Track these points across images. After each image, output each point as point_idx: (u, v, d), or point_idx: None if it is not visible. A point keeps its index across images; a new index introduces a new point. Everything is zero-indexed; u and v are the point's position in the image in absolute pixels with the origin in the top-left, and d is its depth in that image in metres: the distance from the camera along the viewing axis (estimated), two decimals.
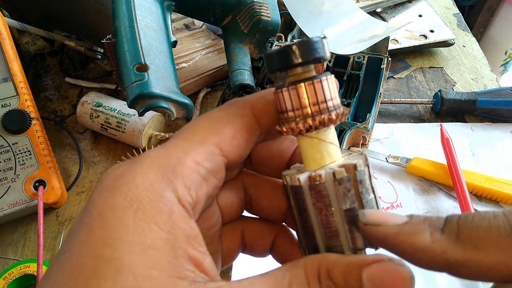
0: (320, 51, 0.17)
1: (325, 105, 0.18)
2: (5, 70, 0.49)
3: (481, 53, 0.70)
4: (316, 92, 0.17)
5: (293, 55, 0.17)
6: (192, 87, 0.63)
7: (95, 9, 0.56)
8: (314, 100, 0.17)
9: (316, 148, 0.18)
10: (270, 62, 0.18)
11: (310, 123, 0.17)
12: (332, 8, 0.60)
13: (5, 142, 0.48)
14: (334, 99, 0.18)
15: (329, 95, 0.18)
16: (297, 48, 0.17)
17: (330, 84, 0.18)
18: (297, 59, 0.17)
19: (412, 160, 0.51)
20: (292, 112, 0.18)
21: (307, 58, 0.17)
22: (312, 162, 0.18)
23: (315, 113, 0.17)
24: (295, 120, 0.18)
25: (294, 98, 0.18)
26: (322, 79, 0.17)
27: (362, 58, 0.53)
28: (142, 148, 0.53)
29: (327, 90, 0.18)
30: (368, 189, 0.18)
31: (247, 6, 0.50)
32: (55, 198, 0.47)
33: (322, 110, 0.18)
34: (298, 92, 0.17)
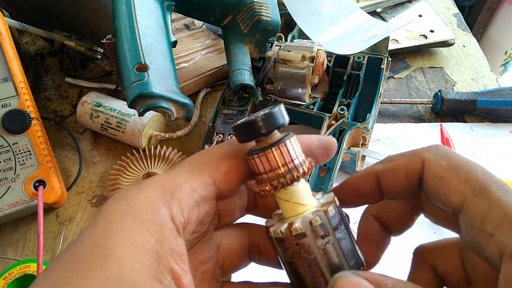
0: (280, 120, 0.20)
1: (292, 164, 0.20)
2: (5, 70, 0.49)
3: (481, 53, 0.70)
4: (283, 155, 0.20)
5: (258, 127, 0.20)
6: (192, 87, 0.63)
7: (95, 9, 0.56)
8: (282, 161, 0.20)
9: (290, 203, 0.21)
10: (240, 135, 0.20)
11: (282, 181, 0.20)
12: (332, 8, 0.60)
13: (5, 142, 0.48)
14: (299, 156, 0.21)
15: (294, 155, 0.20)
16: (260, 120, 0.19)
17: (294, 145, 0.21)
18: (262, 130, 0.20)
19: None
20: (265, 175, 0.20)
21: (270, 128, 0.20)
22: (290, 213, 0.21)
23: (285, 173, 0.20)
24: (269, 182, 0.20)
25: (264, 163, 0.20)
26: (286, 143, 0.20)
27: (362, 58, 0.53)
28: (142, 148, 0.53)
29: (292, 151, 0.20)
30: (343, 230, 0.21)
31: (247, 6, 0.50)
32: (55, 198, 0.47)
33: (290, 169, 0.20)
34: (268, 157, 0.20)
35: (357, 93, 0.52)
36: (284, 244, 0.20)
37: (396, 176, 0.21)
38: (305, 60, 0.48)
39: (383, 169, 0.21)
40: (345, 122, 0.49)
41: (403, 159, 0.21)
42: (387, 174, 0.21)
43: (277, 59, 0.49)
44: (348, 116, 0.49)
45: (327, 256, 0.20)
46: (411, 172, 0.20)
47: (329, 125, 0.49)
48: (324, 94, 0.54)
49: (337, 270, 0.20)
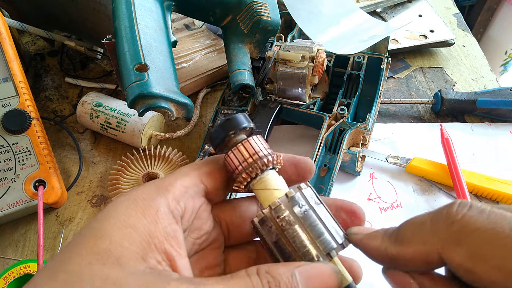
0: (242, 123, 0.24)
1: (258, 155, 0.23)
2: (5, 70, 0.49)
3: (481, 53, 0.70)
4: (248, 148, 0.24)
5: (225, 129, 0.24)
6: (192, 87, 0.63)
7: (95, 9, 0.56)
8: (248, 153, 0.23)
9: (266, 190, 0.24)
10: (213, 140, 0.24)
11: (255, 167, 0.23)
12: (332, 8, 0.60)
13: (5, 142, 0.48)
14: (267, 149, 0.24)
15: (259, 147, 0.24)
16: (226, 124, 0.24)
17: (258, 140, 0.24)
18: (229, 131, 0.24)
19: (412, 160, 0.51)
20: (237, 169, 0.23)
21: (235, 129, 0.24)
22: (267, 200, 0.23)
23: (252, 162, 0.23)
24: (242, 174, 0.23)
25: (235, 158, 0.24)
26: (249, 139, 0.24)
27: (362, 58, 0.53)
28: (142, 148, 0.53)
29: (256, 144, 0.24)
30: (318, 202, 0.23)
31: (247, 6, 0.50)
32: (55, 198, 0.47)
33: (256, 159, 0.23)
34: (237, 151, 0.24)
35: (357, 93, 0.52)
36: (267, 224, 0.23)
37: (412, 263, 0.20)
38: (305, 60, 0.48)
39: (397, 255, 0.21)
40: (345, 122, 0.49)
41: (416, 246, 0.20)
42: (402, 262, 0.21)
43: (277, 59, 0.49)
44: (348, 116, 0.49)
45: (308, 223, 0.22)
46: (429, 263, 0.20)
47: (329, 125, 0.49)
48: (324, 94, 0.54)
49: (320, 238, 0.22)
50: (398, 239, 0.21)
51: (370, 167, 0.53)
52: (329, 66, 0.54)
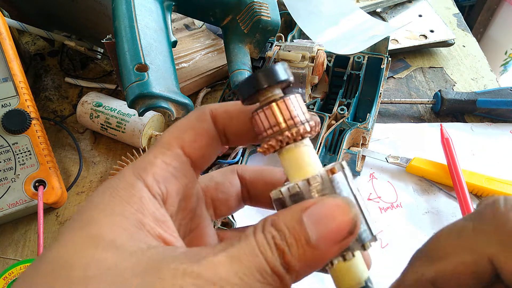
0: (281, 75, 0.20)
1: (298, 118, 0.20)
2: (5, 70, 0.49)
3: (481, 53, 0.70)
4: (288, 108, 0.20)
5: (260, 81, 0.20)
6: (192, 87, 0.63)
7: (95, 9, 0.56)
8: (287, 115, 0.20)
9: (295, 161, 0.20)
10: (242, 92, 0.20)
11: (287, 135, 0.19)
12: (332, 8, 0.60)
13: (5, 142, 0.48)
14: (305, 113, 0.20)
15: (299, 110, 0.20)
16: (262, 75, 0.20)
17: (299, 100, 0.20)
18: (264, 84, 0.20)
19: (412, 160, 0.51)
20: (270, 130, 0.20)
21: (271, 82, 0.20)
22: (294, 175, 0.20)
23: (290, 126, 0.19)
24: (274, 136, 0.20)
25: (269, 116, 0.20)
26: (290, 97, 0.20)
27: (362, 58, 0.53)
28: (142, 148, 0.53)
29: (297, 105, 0.20)
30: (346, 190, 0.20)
31: (247, 6, 0.50)
32: (55, 198, 0.47)
33: (296, 123, 0.20)
34: (272, 110, 0.20)
35: (357, 93, 0.52)
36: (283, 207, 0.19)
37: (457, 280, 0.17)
38: (305, 60, 0.48)
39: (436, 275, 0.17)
40: (345, 122, 0.49)
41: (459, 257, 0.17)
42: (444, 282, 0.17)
43: (277, 59, 0.49)
44: (348, 116, 0.49)
45: None
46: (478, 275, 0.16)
47: (329, 125, 0.49)
48: (324, 94, 0.54)
49: None
50: (433, 257, 0.17)
51: (370, 167, 0.53)
52: (329, 66, 0.54)
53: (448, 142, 0.50)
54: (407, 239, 0.46)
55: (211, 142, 0.21)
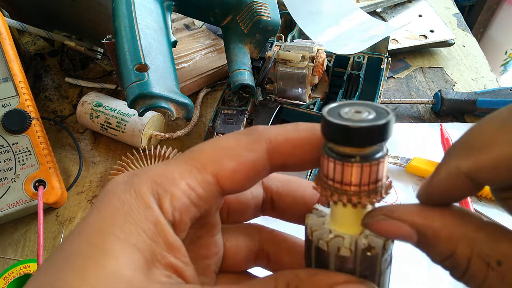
0: (389, 134, 0.16)
1: (374, 186, 0.17)
2: (5, 70, 0.49)
3: (481, 53, 0.70)
4: (370, 174, 0.16)
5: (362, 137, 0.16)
6: (192, 87, 0.63)
7: (95, 9, 0.56)
8: (366, 181, 0.17)
9: (350, 217, 0.18)
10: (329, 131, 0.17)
11: (355, 201, 0.17)
12: (332, 8, 0.60)
13: (5, 142, 0.48)
14: (384, 178, 0.17)
15: (381, 176, 0.17)
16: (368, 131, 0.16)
17: (385, 165, 0.17)
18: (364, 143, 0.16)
19: (412, 160, 0.51)
20: (338, 184, 0.17)
21: (375, 142, 0.16)
22: (341, 225, 0.18)
23: (362, 193, 0.17)
24: (339, 194, 0.17)
25: (345, 174, 0.17)
26: (380, 161, 0.16)
27: (362, 58, 0.53)
28: (142, 148, 0.53)
29: (381, 171, 0.17)
30: (388, 262, 0.19)
31: (247, 6, 0.50)
32: (55, 198, 0.48)
33: (370, 191, 0.17)
34: (352, 171, 0.16)
35: (357, 93, 0.52)
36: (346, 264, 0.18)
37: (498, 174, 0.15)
38: (305, 60, 0.48)
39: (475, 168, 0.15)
40: None
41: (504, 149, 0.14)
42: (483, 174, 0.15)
43: (277, 59, 0.49)
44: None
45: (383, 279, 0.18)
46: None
47: None
48: (324, 94, 0.54)
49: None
50: (471, 148, 0.15)
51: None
52: (329, 66, 0.54)
53: (448, 142, 0.50)
54: None
55: (255, 175, 0.18)
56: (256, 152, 0.18)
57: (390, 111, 0.16)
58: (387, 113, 0.16)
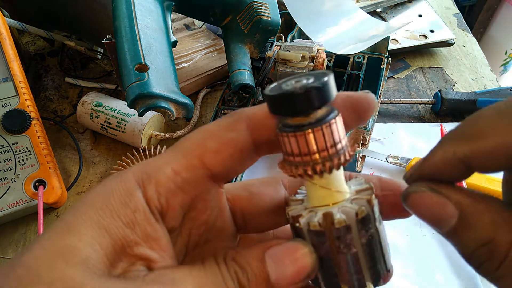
0: (330, 95, 0.16)
1: (334, 149, 0.17)
2: (5, 70, 0.49)
3: (481, 53, 0.70)
4: (325, 137, 0.16)
5: (301, 103, 0.16)
6: (192, 87, 0.63)
7: (95, 9, 0.56)
8: (322, 146, 0.16)
9: (325, 189, 0.18)
10: (273, 107, 0.17)
11: (320, 168, 0.17)
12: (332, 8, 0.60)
13: (5, 142, 0.48)
14: (343, 139, 0.17)
15: (338, 137, 0.17)
16: (305, 94, 0.16)
17: (339, 125, 0.17)
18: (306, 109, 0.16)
19: (412, 160, 0.51)
20: (299, 157, 0.17)
21: (316, 105, 0.16)
22: (316, 200, 0.18)
23: (324, 158, 0.17)
24: (303, 166, 0.17)
25: (301, 145, 0.17)
26: (331, 123, 0.16)
27: (362, 58, 0.53)
28: (142, 148, 0.53)
29: (336, 133, 0.17)
30: (381, 221, 0.19)
31: (247, 6, 0.50)
32: (55, 198, 0.48)
33: (331, 154, 0.17)
34: (306, 139, 0.16)
35: None
36: (320, 238, 0.17)
37: (492, 161, 0.16)
38: (305, 60, 0.48)
39: (471, 153, 0.16)
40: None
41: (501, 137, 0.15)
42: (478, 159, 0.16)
43: (277, 59, 0.49)
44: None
45: (368, 250, 0.18)
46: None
47: None
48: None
49: (372, 267, 0.18)
50: (469, 135, 0.16)
51: (370, 167, 0.53)
52: (329, 66, 0.54)
53: None
54: (407, 239, 0.46)
55: (238, 154, 0.18)
56: (237, 131, 0.18)
57: (328, 73, 0.16)
58: (325, 75, 0.16)
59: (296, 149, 0.17)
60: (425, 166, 0.18)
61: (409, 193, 0.17)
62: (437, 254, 0.44)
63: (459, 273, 0.42)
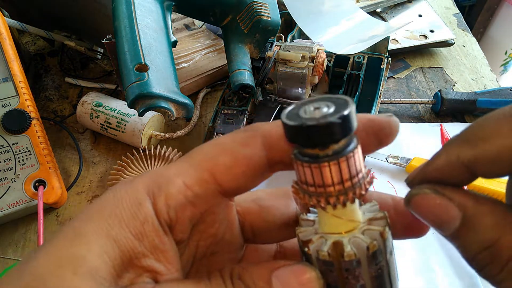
0: (351, 128, 0.15)
1: (350, 182, 0.16)
2: (5, 70, 0.49)
3: (481, 53, 0.70)
4: (341, 171, 0.16)
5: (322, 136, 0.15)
6: (192, 87, 0.63)
7: (95, 9, 0.56)
8: (338, 179, 0.16)
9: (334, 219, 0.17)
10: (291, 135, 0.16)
11: (333, 201, 0.16)
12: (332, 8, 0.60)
13: (5, 142, 0.48)
14: (360, 172, 0.16)
15: (354, 170, 0.16)
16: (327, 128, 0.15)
17: (357, 158, 0.16)
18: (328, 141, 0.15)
19: (412, 160, 0.51)
20: (313, 188, 0.16)
21: (336, 138, 0.15)
22: (332, 227, 0.17)
23: (339, 192, 0.16)
24: (316, 196, 0.16)
25: (315, 176, 0.16)
26: (348, 156, 0.15)
27: (362, 58, 0.53)
28: (142, 148, 0.53)
29: (353, 166, 0.16)
30: (392, 251, 0.18)
31: (247, 6, 0.50)
32: (55, 198, 0.47)
33: (347, 188, 0.16)
34: (322, 172, 0.16)
35: (357, 93, 0.52)
36: (328, 267, 0.17)
37: (497, 165, 0.15)
38: (305, 60, 0.48)
39: (475, 158, 0.15)
40: None
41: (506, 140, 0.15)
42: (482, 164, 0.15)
43: (277, 59, 0.49)
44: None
45: (377, 283, 0.17)
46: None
47: None
48: (323, 94, 0.54)
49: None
50: (473, 139, 0.16)
51: (370, 167, 0.53)
52: (329, 66, 0.54)
53: None
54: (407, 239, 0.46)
55: (252, 171, 0.18)
56: (251, 147, 0.18)
57: (349, 101, 0.15)
58: (346, 105, 0.15)
59: (310, 179, 0.16)
60: (428, 170, 0.17)
61: (412, 195, 0.17)
62: (437, 253, 0.44)
63: (459, 273, 0.42)
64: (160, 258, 0.17)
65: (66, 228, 0.16)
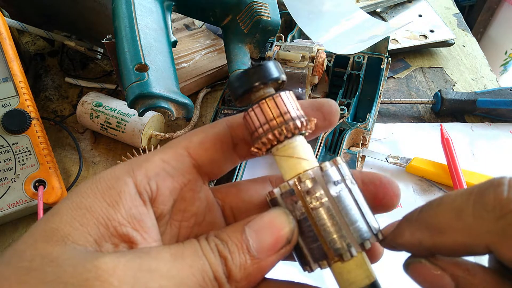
0: (274, 73, 0.20)
1: (289, 115, 0.20)
2: (5, 70, 0.49)
3: (481, 53, 0.70)
4: (278, 105, 0.20)
5: (251, 79, 0.20)
6: (192, 87, 0.63)
7: (95, 9, 0.56)
8: (277, 112, 0.19)
9: (287, 160, 0.20)
10: (235, 89, 0.20)
11: (278, 132, 0.19)
12: (332, 8, 0.60)
13: (5, 142, 0.48)
14: (297, 109, 0.20)
15: (290, 106, 0.20)
16: (253, 72, 0.20)
17: (289, 97, 0.20)
18: (255, 81, 0.20)
19: (412, 160, 0.51)
20: (261, 128, 0.20)
21: (263, 80, 0.20)
22: (287, 174, 0.20)
23: (280, 124, 0.19)
24: (266, 136, 0.20)
25: (259, 115, 0.20)
26: (281, 94, 0.20)
27: (362, 58, 0.53)
28: (142, 148, 0.53)
29: (288, 102, 0.20)
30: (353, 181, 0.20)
31: (247, 6, 0.50)
32: (55, 198, 0.47)
33: (286, 120, 0.19)
34: (262, 108, 0.20)
35: (357, 93, 0.52)
36: (291, 199, 0.19)
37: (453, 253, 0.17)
38: (305, 60, 0.48)
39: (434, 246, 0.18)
40: (345, 122, 0.49)
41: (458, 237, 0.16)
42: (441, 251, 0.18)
43: (277, 59, 0.49)
44: (348, 116, 0.49)
45: (343, 205, 0.19)
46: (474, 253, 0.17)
47: None
48: (324, 94, 0.54)
49: (353, 224, 0.19)
50: (432, 227, 0.17)
51: (370, 167, 0.53)
52: (329, 66, 0.54)
53: (448, 142, 0.50)
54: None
55: (220, 146, 0.21)
56: (218, 127, 0.21)
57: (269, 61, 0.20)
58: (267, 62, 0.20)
59: (256, 121, 0.20)
60: (397, 243, 0.19)
61: (409, 263, 0.19)
62: None
63: None
64: (137, 227, 0.18)
65: (50, 211, 0.18)
